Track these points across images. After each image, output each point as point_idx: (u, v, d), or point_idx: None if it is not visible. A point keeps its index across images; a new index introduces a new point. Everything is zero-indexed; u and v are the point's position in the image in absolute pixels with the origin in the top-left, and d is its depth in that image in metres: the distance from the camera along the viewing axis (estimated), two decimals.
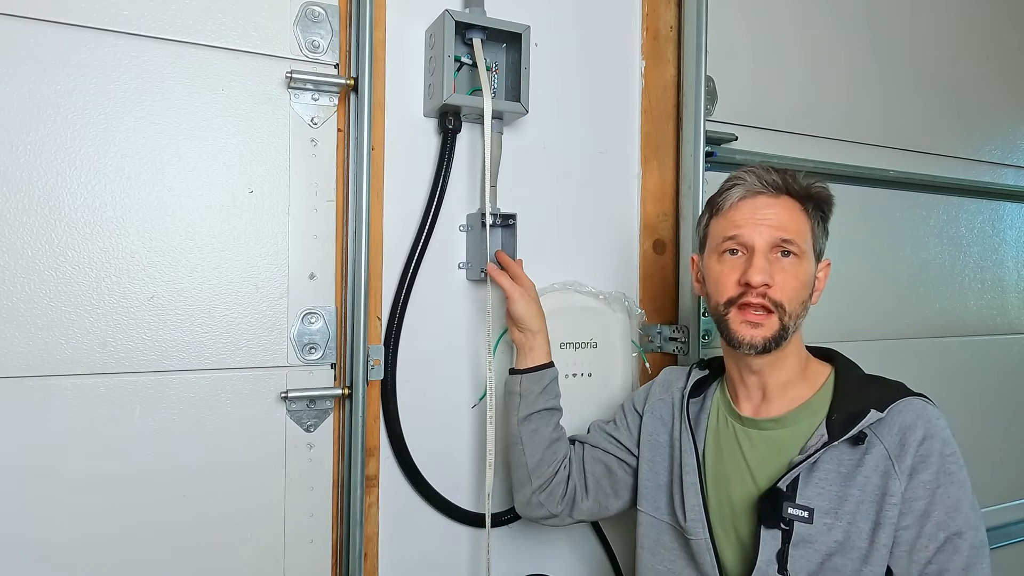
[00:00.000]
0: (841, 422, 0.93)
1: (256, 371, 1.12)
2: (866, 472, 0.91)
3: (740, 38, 1.49)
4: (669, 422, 1.12)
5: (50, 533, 1.00)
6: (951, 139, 1.81)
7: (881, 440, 0.92)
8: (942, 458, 0.89)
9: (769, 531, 0.93)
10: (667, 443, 1.11)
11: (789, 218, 0.97)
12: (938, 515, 0.88)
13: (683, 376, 1.15)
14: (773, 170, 1.00)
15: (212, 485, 1.09)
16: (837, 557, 0.90)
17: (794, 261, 0.97)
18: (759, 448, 1.00)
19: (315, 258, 1.16)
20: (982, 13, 1.87)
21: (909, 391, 0.96)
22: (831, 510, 0.91)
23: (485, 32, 1.19)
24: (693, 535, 1.01)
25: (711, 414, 1.08)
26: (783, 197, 0.98)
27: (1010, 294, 1.95)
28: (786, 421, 0.99)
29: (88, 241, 1.02)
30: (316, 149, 1.16)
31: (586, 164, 1.39)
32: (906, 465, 0.89)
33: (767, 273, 0.95)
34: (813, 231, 1.00)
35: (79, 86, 1.01)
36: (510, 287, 1.15)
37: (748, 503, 0.98)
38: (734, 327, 0.97)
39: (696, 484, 1.02)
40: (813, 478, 0.93)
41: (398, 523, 1.22)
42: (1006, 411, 1.92)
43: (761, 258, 0.95)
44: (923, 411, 0.92)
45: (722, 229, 1.00)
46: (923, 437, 0.90)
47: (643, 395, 1.19)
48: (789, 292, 0.96)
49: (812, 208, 1.00)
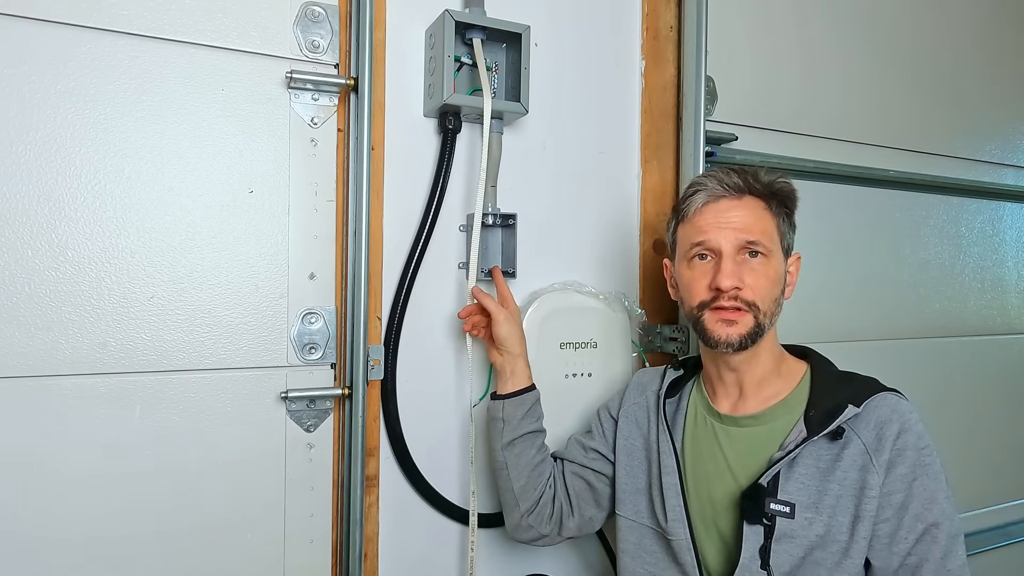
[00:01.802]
0: (819, 418, 0.95)
1: (256, 371, 1.12)
2: (845, 466, 0.93)
3: (740, 38, 1.49)
4: (645, 425, 1.12)
5: (50, 534, 1.00)
6: (951, 139, 1.81)
7: (858, 435, 0.94)
8: (917, 451, 0.92)
9: (751, 527, 0.94)
10: (643, 447, 1.11)
11: (753, 218, 0.98)
12: (915, 507, 0.90)
13: (657, 378, 1.16)
14: (733, 171, 1.01)
15: (212, 485, 1.09)
16: (818, 551, 0.92)
17: (762, 260, 0.98)
18: (738, 445, 1.01)
19: (315, 258, 1.16)
20: (983, 14, 1.86)
21: (883, 386, 0.98)
22: (811, 504, 0.93)
23: (485, 32, 1.19)
24: (674, 536, 1.01)
25: (688, 413, 1.09)
26: (745, 198, 1.00)
27: (1010, 294, 1.95)
28: (764, 418, 1.00)
29: (88, 241, 1.02)
30: (316, 149, 1.16)
31: (586, 164, 1.39)
32: (884, 459, 0.92)
33: (736, 276, 0.96)
34: (779, 228, 1.01)
35: (79, 86, 1.01)
36: (496, 309, 1.14)
37: (729, 500, 0.99)
38: (710, 326, 0.99)
39: (676, 485, 1.03)
40: (793, 473, 0.94)
41: (398, 523, 1.22)
42: (1006, 411, 1.92)
43: (729, 262, 0.97)
44: (897, 406, 0.95)
45: (689, 235, 1.02)
46: (899, 431, 0.93)
47: (617, 400, 1.19)
48: (760, 291, 0.97)
49: (776, 205, 1.01)
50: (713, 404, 1.06)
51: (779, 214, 1.02)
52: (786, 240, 1.03)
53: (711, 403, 1.06)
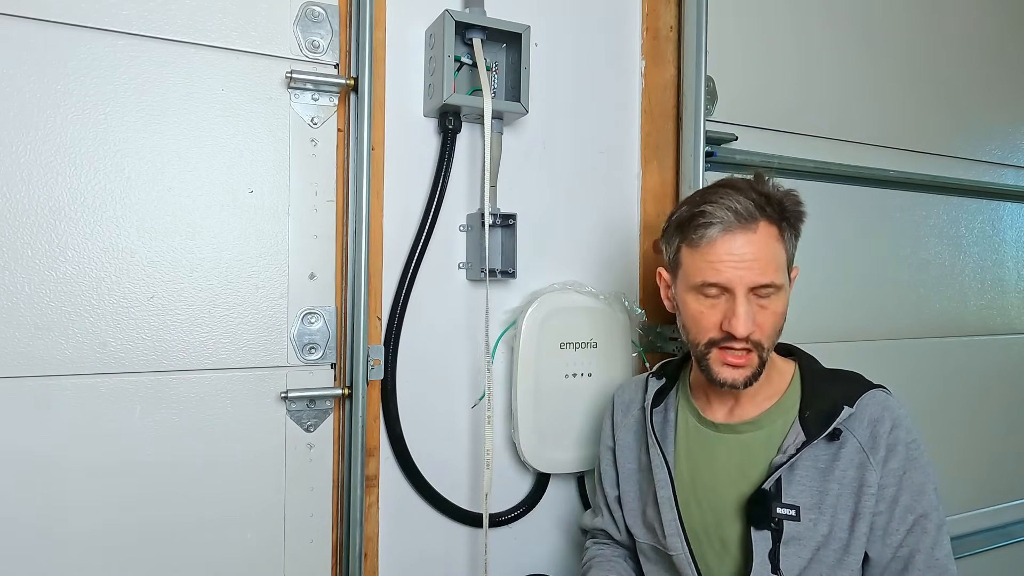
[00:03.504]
0: (815, 420, 0.95)
1: (256, 371, 1.12)
2: (843, 466, 0.94)
3: (740, 38, 1.49)
4: (635, 446, 1.11)
5: (49, 534, 1.00)
6: (951, 139, 1.81)
7: (853, 434, 0.95)
8: (907, 445, 0.94)
9: (759, 532, 0.94)
10: (635, 468, 1.11)
11: (768, 255, 0.93)
12: (905, 499, 0.93)
13: (639, 391, 1.14)
14: (742, 194, 0.93)
15: (212, 484, 1.09)
16: (823, 550, 0.93)
17: (774, 298, 0.94)
18: (737, 452, 1.00)
19: (315, 258, 1.16)
20: (984, 13, 1.86)
21: (870, 383, 1.00)
22: (814, 505, 0.94)
23: (485, 32, 1.19)
24: (673, 551, 1.00)
25: (679, 425, 1.06)
26: (760, 225, 0.93)
27: (1010, 294, 1.95)
28: (761, 423, 1.00)
29: (88, 241, 1.02)
30: (316, 149, 1.16)
31: (586, 164, 1.39)
32: (880, 456, 0.94)
33: (751, 320, 0.92)
34: (787, 250, 0.97)
35: (79, 86, 1.01)
36: None
37: (733, 508, 0.98)
38: (715, 368, 0.96)
39: (670, 498, 1.01)
40: (795, 476, 0.95)
41: (398, 523, 1.22)
42: (1006, 411, 1.92)
43: (743, 305, 0.91)
44: (886, 402, 0.97)
45: (698, 268, 0.94)
46: (891, 427, 0.95)
47: (608, 428, 1.17)
48: (769, 329, 0.95)
49: (787, 226, 0.96)
50: (705, 415, 1.04)
51: (788, 235, 0.97)
52: (791, 256, 0.98)
53: (702, 413, 1.04)
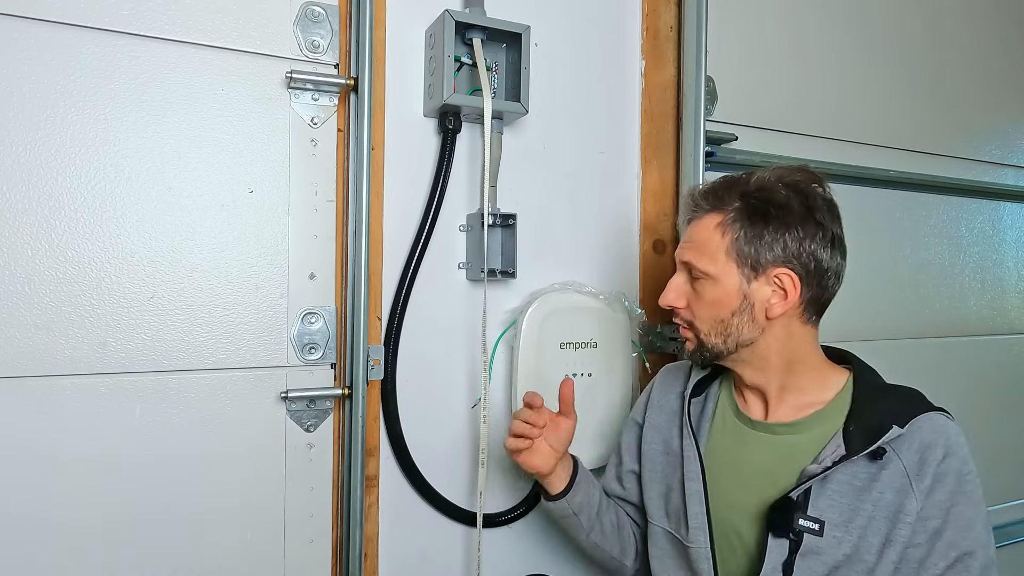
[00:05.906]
0: (860, 436, 0.90)
1: (256, 371, 1.12)
2: (881, 487, 0.89)
3: (740, 38, 1.49)
4: (667, 429, 1.09)
5: (49, 533, 1.00)
6: (951, 139, 1.81)
7: (899, 456, 0.89)
8: (959, 477, 0.88)
9: (777, 540, 0.91)
10: (663, 451, 1.09)
11: (701, 240, 0.97)
12: (950, 534, 0.87)
13: (681, 377, 1.12)
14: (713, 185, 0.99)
15: (212, 484, 1.09)
16: (843, 569, 0.89)
17: (702, 283, 0.97)
18: (770, 453, 0.97)
19: (315, 258, 1.16)
20: (984, 13, 1.86)
21: (929, 404, 0.94)
22: (842, 523, 0.89)
23: (485, 32, 1.19)
24: (693, 543, 0.98)
25: (715, 416, 1.05)
26: (707, 215, 0.97)
27: (1010, 294, 1.95)
28: (800, 427, 0.96)
29: (88, 241, 1.02)
30: (316, 149, 1.16)
31: (586, 164, 1.39)
32: (925, 485, 0.88)
33: (674, 295, 1.00)
34: (736, 244, 0.93)
35: (79, 86, 1.01)
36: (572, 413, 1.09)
37: (755, 509, 0.95)
38: None
39: (700, 491, 0.99)
40: (826, 490, 0.90)
41: (398, 523, 1.22)
42: (1006, 411, 1.92)
43: (674, 279, 1.00)
44: (943, 428, 0.91)
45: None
46: (943, 456, 0.89)
47: (643, 404, 1.16)
48: (700, 313, 0.98)
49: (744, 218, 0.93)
50: (743, 409, 1.02)
51: (743, 228, 0.93)
52: (753, 257, 0.93)
53: (740, 408, 1.03)
